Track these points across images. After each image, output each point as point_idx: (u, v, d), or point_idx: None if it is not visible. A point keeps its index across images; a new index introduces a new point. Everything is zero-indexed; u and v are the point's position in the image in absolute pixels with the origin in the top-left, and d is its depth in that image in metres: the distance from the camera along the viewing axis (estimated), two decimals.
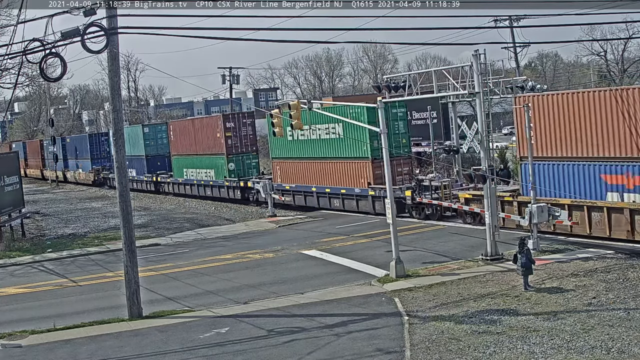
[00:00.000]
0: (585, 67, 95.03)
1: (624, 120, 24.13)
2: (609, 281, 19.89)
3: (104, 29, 18.48)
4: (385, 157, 23.12)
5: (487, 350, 15.02)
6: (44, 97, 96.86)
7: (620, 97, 24.17)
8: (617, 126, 24.34)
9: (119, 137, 20.53)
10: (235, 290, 22.92)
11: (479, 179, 24.03)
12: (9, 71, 40.42)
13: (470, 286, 20.69)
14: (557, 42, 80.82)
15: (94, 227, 41.37)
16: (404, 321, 17.68)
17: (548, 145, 26.83)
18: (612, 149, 24.62)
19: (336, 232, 32.50)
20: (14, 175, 39.36)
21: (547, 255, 23.71)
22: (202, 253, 30.54)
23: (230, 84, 73.80)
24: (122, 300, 20.76)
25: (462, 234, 28.94)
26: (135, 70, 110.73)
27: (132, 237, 20.62)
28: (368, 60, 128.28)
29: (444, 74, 25.61)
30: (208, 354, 16.58)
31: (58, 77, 19.48)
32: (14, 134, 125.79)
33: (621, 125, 24.23)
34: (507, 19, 55.03)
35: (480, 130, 24.01)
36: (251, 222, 38.81)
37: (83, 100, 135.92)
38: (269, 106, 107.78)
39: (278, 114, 28.86)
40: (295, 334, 17.46)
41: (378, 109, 23.36)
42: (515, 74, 58.58)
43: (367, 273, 23.78)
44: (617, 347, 14.56)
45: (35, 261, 31.61)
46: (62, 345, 18.14)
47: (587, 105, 25.19)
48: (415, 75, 27.29)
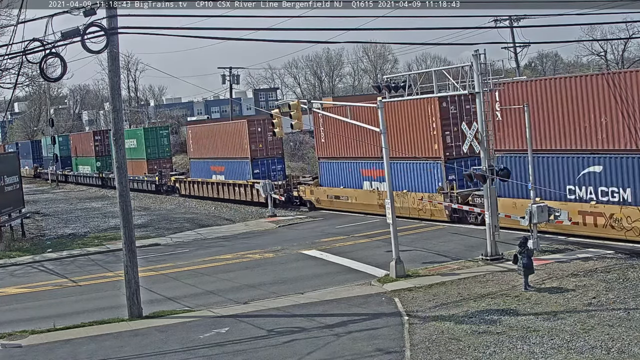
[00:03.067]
0: (585, 67, 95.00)
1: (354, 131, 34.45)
2: (609, 281, 19.89)
3: (104, 29, 18.47)
4: (385, 158, 23.12)
5: (487, 350, 15.02)
6: (44, 97, 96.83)
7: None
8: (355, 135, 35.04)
9: (119, 137, 20.52)
10: (235, 290, 22.92)
11: (479, 178, 24.01)
12: (9, 71, 40.48)
13: (470, 286, 20.69)
14: (557, 42, 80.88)
15: (94, 227, 41.37)
16: (404, 321, 17.68)
17: (335, 148, 38.82)
18: (366, 152, 35.56)
19: (336, 232, 32.51)
20: (14, 175, 39.36)
21: (547, 255, 23.71)
22: (202, 253, 30.54)
23: (230, 84, 73.81)
24: (122, 300, 20.76)
25: (462, 234, 28.94)
26: (135, 70, 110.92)
27: (132, 237, 20.61)
28: (368, 60, 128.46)
29: (444, 74, 25.60)
30: (208, 354, 16.58)
31: (58, 77, 19.48)
32: (14, 134, 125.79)
33: (356, 135, 35.05)
34: (507, 19, 55.03)
35: (480, 130, 24.01)
36: (251, 222, 38.81)
37: (83, 100, 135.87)
38: (269, 106, 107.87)
39: (278, 114, 28.89)
40: (295, 334, 17.46)
41: (379, 109, 23.43)
42: (515, 74, 58.61)
43: (367, 273, 23.78)
44: (617, 347, 14.55)
45: (35, 261, 31.61)
46: (62, 345, 18.13)
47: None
48: (415, 75, 27.28)
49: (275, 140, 43.85)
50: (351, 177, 37.69)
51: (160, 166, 58.48)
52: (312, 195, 40.84)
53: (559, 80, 26.48)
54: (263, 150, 45.24)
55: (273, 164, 45.48)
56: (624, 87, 23.79)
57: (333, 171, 39.18)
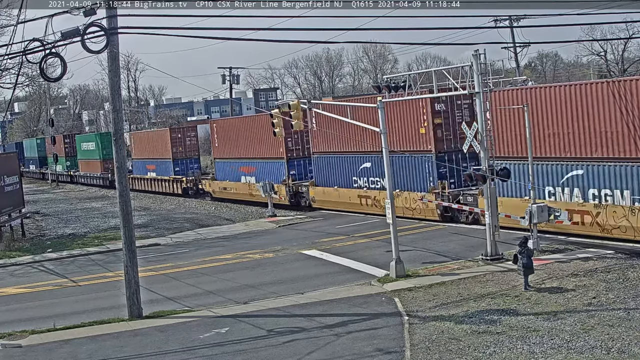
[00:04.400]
0: (585, 67, 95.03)
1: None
2: (609, 281, 19.89)
3: (104, 29, 18.47)
4: (385, 158, 23.13)
5: (487, 350, 15.02)
6: (44, 97, 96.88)
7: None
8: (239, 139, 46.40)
9: (119, 137, 20.51)
10: (235, 290, 22.92)
11: (479, 178, 24.00)
12: (9, 71, 40.48)
13: (470, 286, 20.69)
14: (557, 42, 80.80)
15: (94, 227, 41.38)
16: (404, 321, 17.68)
17: (224, 150, 49.29)
18: (244, 153, 46.46)
19: (336, 232, 32.51)
20: (14, 175, 39.36)
21: (547, 255, 23.71)
22: (202, 253, 30.55)
23: (230, 84, 73.85)
24: (122, 300, 20.76)
25: (462, 234, 28.94)
26: (135, 70, 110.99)
27: (132, 237, 20.61)
28: (368, 60, 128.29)
29: (444, 74, 25.59)
30: (208, 354, 16.58)
31: (58, 77, 19.49)
32: (14, 134, 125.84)
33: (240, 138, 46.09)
34: (507, 19, 55.04)
35: (480, 130, 24.01)
36: (251, 222, 38.82)
37: (83, 100, 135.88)
38: (269, 106, 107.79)
39: (278, 114, 28.90)
40: (295, 334, 17.46)
41: (378, 109, 23.44)
42: (515, 74, 58.58)
43: (367, 273, 23.78)
44: (617, 347, 14.55)
45: (35, 261, 31.61)
46: (62, 345, 18.13)
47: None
48: (415, 75, 27.26)
49: (192, 144, 57.64)
50: (233, 173, 48.28)
51: (112, 165, 62.87)
52: (210, 187, 51.87)
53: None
54: (183, 152, 57.15)
55: (190, 163, 57.32)
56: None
57: (223, 168, 49.68)
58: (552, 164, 26.32)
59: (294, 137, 41.30)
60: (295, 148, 42.43)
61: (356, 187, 36.90)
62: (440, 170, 31.78)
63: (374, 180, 35.65)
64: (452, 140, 31.91)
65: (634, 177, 23.62)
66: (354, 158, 36.86)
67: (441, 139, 31.90)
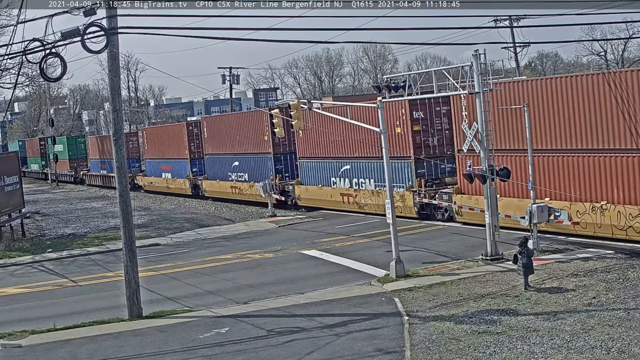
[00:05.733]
0: (585, 67, 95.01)
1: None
2: (609, 281, 19.89)
3: (104, 29, 18.47)
4: (385, 158, 23.14)
5: (487, 350, 15.02)
6: (44, 97, 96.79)
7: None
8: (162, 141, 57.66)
9: (119, 137, 20.51)
10: (235, 290, 22.92)
11: (479, 178, 24.00)
12: (9, 71, 40.49)
13: (470, 286, 20.69)
14: (557, 42, 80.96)
15: (94, 227, 41.39)
16: (404, 321, 17.68)
17: (153, 152, 61.01)
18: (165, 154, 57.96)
19: (336, 232, 32.51)
20: (14, 175, 39.35)
21: (547, 255, 23.72)
22: (202, 253, 30.55)
23: (230, 84, 73.83)
24: (122, 300, 20.76)
25: (462, 234, 28.95)
26: (135, 70, 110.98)
27: (132, 237, 20.60)
28: (368, 60, 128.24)
29: (444, 74, 25.58)
30: (208, 354, 16.58)
31: (58, 77, 19.48)
32: (14, 134, 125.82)
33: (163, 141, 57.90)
34: (507, 19, 54.99)
35: (480, 130, 24.01)
36: (251, 222, 38.82)
37: (83, 100, 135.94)
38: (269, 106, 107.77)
39: (278, 114, 28.89)
40: (295, 334, 17.46)
41: (378, 109, 23.43)
42: (515, 74, 58.61)
43: (367, 273, 23.79)
44: (617, 347, 14.56)
45: (35, 261, 31.61)
46: (62, 345, 18.13)
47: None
48: (415, 75, 27.26)
49: (134, 146, 67.37)
50: (156, 170, 61.01)
51: (78, 164, 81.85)
52: (142, 182, 63.63)
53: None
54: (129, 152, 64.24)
55: (133, 162, 65.72)
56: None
57: (152, 166, 62.34)
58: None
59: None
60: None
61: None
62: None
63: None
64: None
65: (375, 170, 33.88)
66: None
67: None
